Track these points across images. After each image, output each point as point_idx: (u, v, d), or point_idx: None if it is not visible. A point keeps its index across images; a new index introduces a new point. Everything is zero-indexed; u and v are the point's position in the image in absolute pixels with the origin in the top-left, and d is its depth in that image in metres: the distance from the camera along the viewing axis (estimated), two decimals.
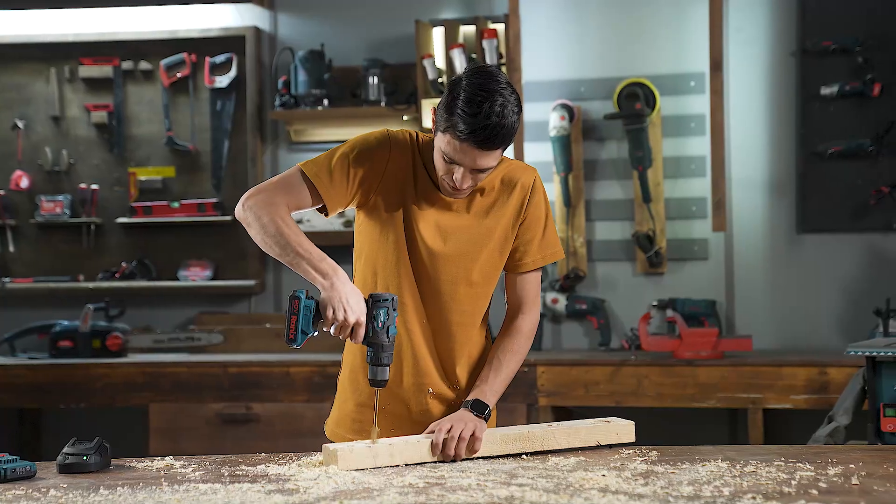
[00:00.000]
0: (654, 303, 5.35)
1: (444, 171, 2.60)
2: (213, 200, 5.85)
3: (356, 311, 2.49)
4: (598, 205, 5.56)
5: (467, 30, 5.51)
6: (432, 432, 2.58)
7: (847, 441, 4.05)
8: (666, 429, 5.11)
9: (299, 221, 5.67)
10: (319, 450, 2.61)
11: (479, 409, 2.64)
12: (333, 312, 2.47)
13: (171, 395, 5.22)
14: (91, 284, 5.90)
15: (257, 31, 5.86)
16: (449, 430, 2.55)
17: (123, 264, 5.91)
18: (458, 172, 2.57)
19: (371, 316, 2.51)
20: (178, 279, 5.90)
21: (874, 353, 3.61)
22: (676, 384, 4.89)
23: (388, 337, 2.52)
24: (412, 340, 2.71)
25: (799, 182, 5.37)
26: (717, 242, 5.45)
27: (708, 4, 5.26)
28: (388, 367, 2.54)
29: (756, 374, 4.82)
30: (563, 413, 5.14)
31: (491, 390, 2.70)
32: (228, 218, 5.85)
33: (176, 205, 5.88)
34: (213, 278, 5.89)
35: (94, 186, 5.98)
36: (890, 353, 3.57)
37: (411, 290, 2.69)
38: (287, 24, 5.87)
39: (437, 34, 5.55)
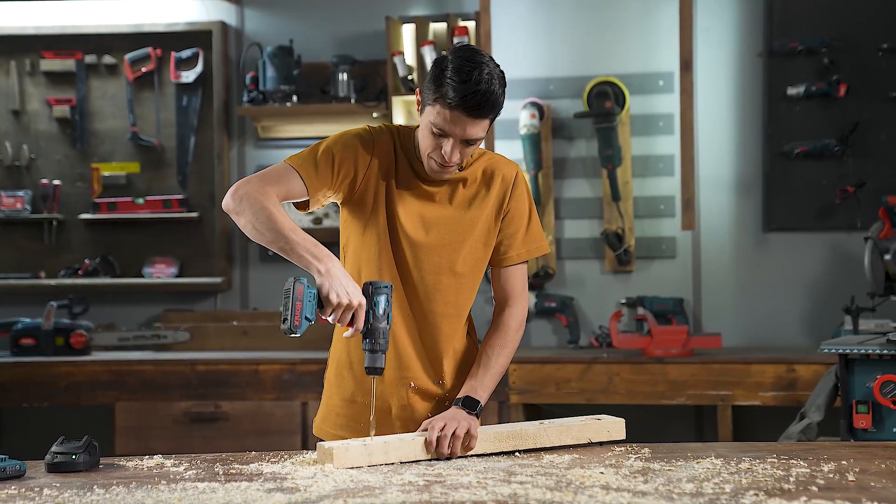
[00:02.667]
0: (623, 301, 5.37)
1: (433, 146, 2.61)
2: (179, 197, 5.79)
3: (357, 294, 2.48)
4: (567, 203, 5.58)
5: (438, 27, 5.50)
6: (426, 430, 2.57)
7: (818, 437, 4.09)
8: (636, 426, 5.12)
9: None
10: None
11: (470, 406, 2.64)
12: (337, 296, 2.45)
13: (137, 393, 5.16)
14: (53, 281, 5.82)
15: (224, 25, 5.81)
16: (442, 429, 2.54)
17: (86, 261, 5.83)
18: (448, 145, 2.58)
19: (371, 303, 2.50)
20: (142, 276, 5.83)
21: (847, 351, 3.66)
22: (647, 381, 4.91)
23: (388, 323, 2.52)
24: (394, 332, 2.70)
25: (765, 181, 5.42)
26: (685, 241, 5.48)
27: (676, 5, 5.28)
28: (384, 354, 2.53)
29: (725, 372, 4.86)
30: (533, 411, 5.15)
31: (482, 386, 2.70)
32: (194, 214, 5.80)
33: (140, 201, 5.81)
34: (179, 275, 5.83)
35: (56, 182, 5.89)
36: (862, 351, 3.62)
37: (394, 281, 2.68)
38: (254, 19, 5.82)
39: (408, 31, 5.53)
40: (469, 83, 2.50)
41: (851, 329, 4.89)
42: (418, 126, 2.69)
